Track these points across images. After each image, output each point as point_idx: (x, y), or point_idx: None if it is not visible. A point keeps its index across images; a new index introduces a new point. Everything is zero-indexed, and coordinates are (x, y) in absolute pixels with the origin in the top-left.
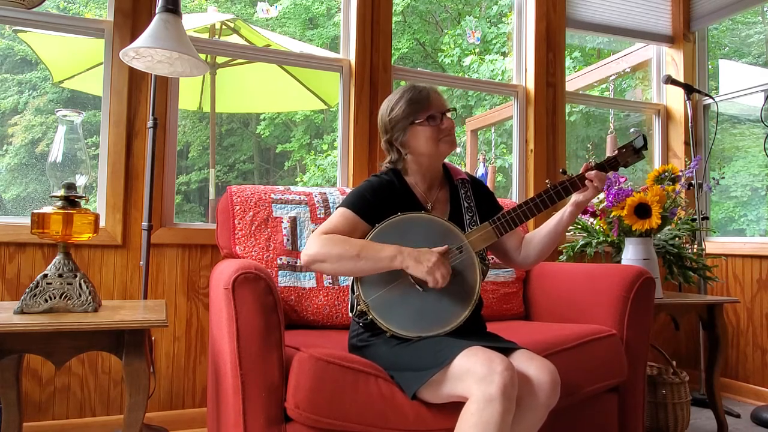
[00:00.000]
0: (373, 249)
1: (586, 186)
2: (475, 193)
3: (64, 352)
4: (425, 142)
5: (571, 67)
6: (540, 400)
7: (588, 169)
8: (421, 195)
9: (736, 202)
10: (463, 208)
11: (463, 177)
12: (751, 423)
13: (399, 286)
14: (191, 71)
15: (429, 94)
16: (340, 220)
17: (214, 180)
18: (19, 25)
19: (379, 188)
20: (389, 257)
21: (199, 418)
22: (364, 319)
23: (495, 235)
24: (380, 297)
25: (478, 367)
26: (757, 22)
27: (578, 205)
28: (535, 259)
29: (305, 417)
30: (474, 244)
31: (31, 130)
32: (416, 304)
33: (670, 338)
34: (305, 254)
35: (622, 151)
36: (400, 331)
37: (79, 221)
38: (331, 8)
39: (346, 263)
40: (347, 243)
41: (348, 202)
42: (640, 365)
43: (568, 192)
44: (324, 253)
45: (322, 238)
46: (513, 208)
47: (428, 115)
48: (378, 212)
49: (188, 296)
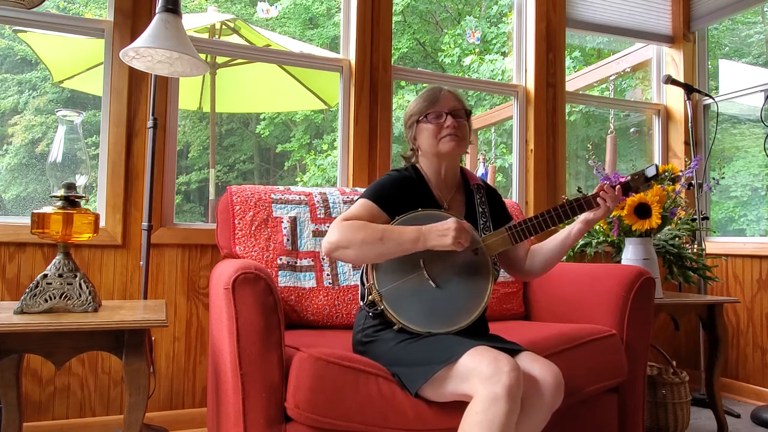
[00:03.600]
0: (395, 232)
1: (599, 205)
2: (489, 199)
3: (64, 352)
4: (427, 140)
5: (571, 67)
6: (544, 401)
7: (602, 189)
8: (437, 193)
9: (736, 202)
10: (478, 213)
11: (478, 182)
12: (751, 423)
13: (412, 280)
14: (191, 71)
15: (440, 92)
16: (361, 210)
17: (214, 180)
18: (19, 25)
19: (400, 181)
20: (412, 239)
21: (199, 418)
22: (375, 309)
23: (510, 242)
24: (393, 288)
25: (484, 366)
26: (757, 22)
27: (588, 223)
28: (539, 271)
29: (305, 417)
30: (490, 248)
31: (31, 130)
32: (428, 300)
33: (670, 338)
34: (327, 242)
35: (635, 177)
36: (409, 325)
37: (79, 221)
38: (331, 8)
39: (369, 247)
40: (369, 227)
41: (369, 193)
42: (640, 365)
43: (582, 209)
44: (347, 239)
45: (343, 224)
46: (528, 218)
47: (434, 113)
48: (398, 205)
49: (188, 296)
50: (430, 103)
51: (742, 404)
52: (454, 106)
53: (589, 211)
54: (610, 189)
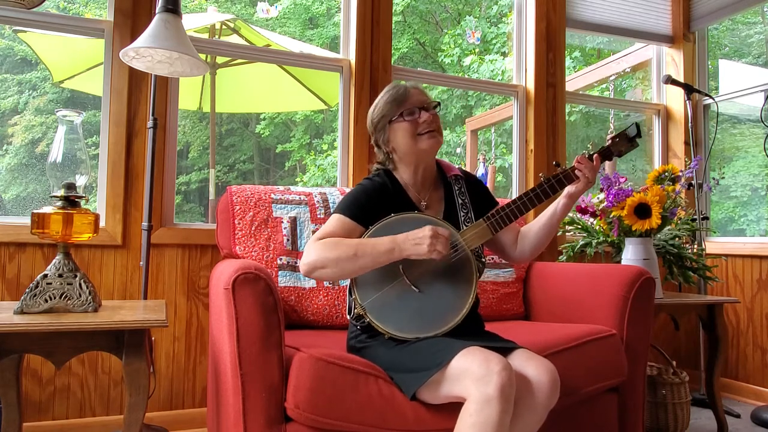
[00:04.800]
0: (369, 245)
1: (578, 177)
2: (469, 188)
3: (64, 352)
4: (403, 139)
5: (571, 67)
6: (539, 400)
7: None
8: (414, 195)
9: (736, 202)
10: (458, 205)
11: (456, 173)
12: (751, 423)
13: (395, 288)
14: (191, 71)
15: (407, 90)
16: (336, 226)
17: (214, 180)
18: (19, 25)
19: (372, 191)
20: (387, 250)
21: (199, 418)
22: (362, 322)
23: (490, 232)
24: (377, 299)
25: (475, 367)
26: (757, 22)
27: (571, 197)
28: (531, 253)
29: (305, 417)
30: (469, 242)
31: (31, 130)
32: (413, 305)
33: (670, 338)
34: (304, 263)
35: (615, 140)
36: (397, 333)
37: (79, 221)
38: (331, 8)
39: (345, 264)
40: (342, 244)
41: (342, 208)
42: (640, 365)
43: (562, 185)
44: (323, 259)
45: (317, 244)
46: (507, 203)
47: (405, 111)
48: (372, 215)
49: (188, 296)
50: (401, 101)
51: (742, 404)
52: (425, 100)
53: (570, 185)
54: (584, 159)
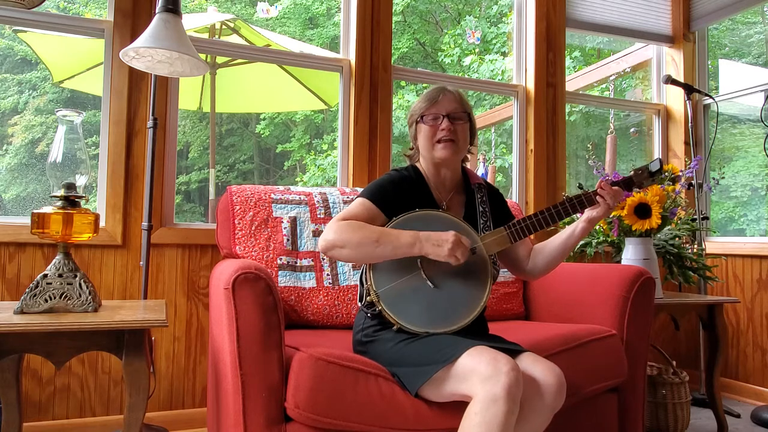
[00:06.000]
0: (391, 235)
1: (598, 203)
2: (490, 198)
3: (64, 352)
4: (423, 141)
5: (571, 67)
6: (545, 403)
7: (600, 187)
8: (436, 194)
9: (736, 202)
10: (478, 213)
11: (479, 182)
12: (751, 423)
13: (411, 280)
14: (191, 71)
15: (440, 93)
16: (360, 209)
17: (214, 180)
18: (19, 25)
19: (399, 182)
20: (408, 244)
21: (199, 418)
22: (373, 310)
23: (509, 240)
24: (391, 289)
25: (483, 366)
26: (757, 22)
27: (591, 221)
28: (542, 271)
29: (305, 417)
30: (488, 247)
31: (31, 130)
32: (426, 300)
33: (670, 338)
34: (324, 239)
35: (638, 172)
36: (408, 325)
37: (79, 221)
38: (331, 8)
39: (365, 249)
40: (366, 228)
41: (368, 193)
42: (640, 365)
43: (583, 206)
44: (344, 239)
45: (341, 224)
46: (527, 216)
47: (431, 115)
48: (396, 205)
49: (188, 296)
50: (430, 104)
51: (742, 404)
52: (454, 108)
53: (590, 209)
54: (608, 186)
